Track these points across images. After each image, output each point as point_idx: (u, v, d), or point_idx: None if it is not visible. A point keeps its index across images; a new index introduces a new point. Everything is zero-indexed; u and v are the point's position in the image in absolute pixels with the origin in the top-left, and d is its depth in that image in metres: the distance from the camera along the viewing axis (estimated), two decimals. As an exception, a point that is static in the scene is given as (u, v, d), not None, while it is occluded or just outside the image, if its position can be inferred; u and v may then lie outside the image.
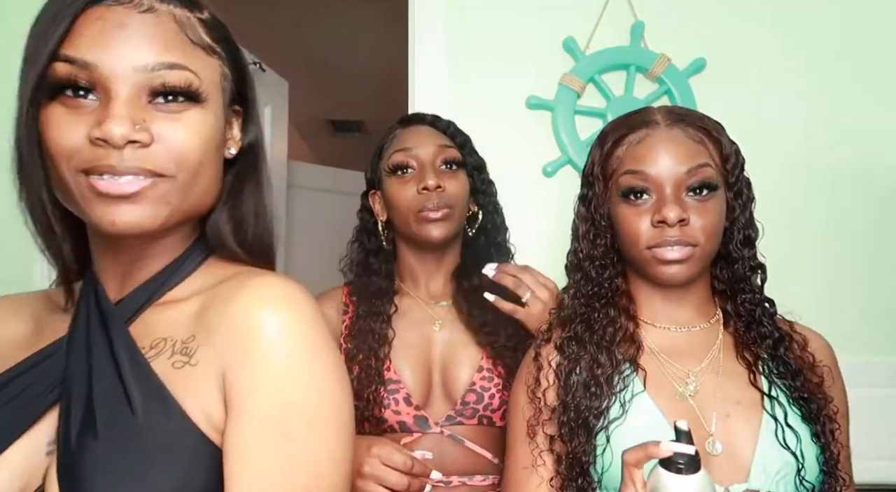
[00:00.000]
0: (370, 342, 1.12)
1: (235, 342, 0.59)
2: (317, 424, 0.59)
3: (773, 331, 0.91)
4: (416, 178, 1.15)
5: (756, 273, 0.93)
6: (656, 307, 0.94)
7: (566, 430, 0.85)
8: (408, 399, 1.10)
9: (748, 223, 0.92)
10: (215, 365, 0.59)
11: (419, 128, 1.21)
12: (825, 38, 1.68)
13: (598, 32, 1.65)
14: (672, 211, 0.83)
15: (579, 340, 0.90)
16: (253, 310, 0.60)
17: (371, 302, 1.16)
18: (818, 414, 0.85)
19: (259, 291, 0.62)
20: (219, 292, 0.64)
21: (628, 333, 0.91)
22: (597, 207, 0.93)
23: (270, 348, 0.59)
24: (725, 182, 0.89)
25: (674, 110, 0.92)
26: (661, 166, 0.86)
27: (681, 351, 0.91)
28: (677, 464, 0.67)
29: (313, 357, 0.61)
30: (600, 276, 0.93)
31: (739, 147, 0.92)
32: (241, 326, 0.60)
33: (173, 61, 0.61)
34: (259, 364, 0.58)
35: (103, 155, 0.58)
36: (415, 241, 1.18)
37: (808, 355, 0.90)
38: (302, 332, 0.61)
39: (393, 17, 2.62)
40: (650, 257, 0.87)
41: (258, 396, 0.58)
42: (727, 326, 0.94)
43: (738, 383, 0.88)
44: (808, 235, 1.63)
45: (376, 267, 1.21)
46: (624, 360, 0.89)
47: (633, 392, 0.86)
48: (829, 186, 1.66)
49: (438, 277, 1.22)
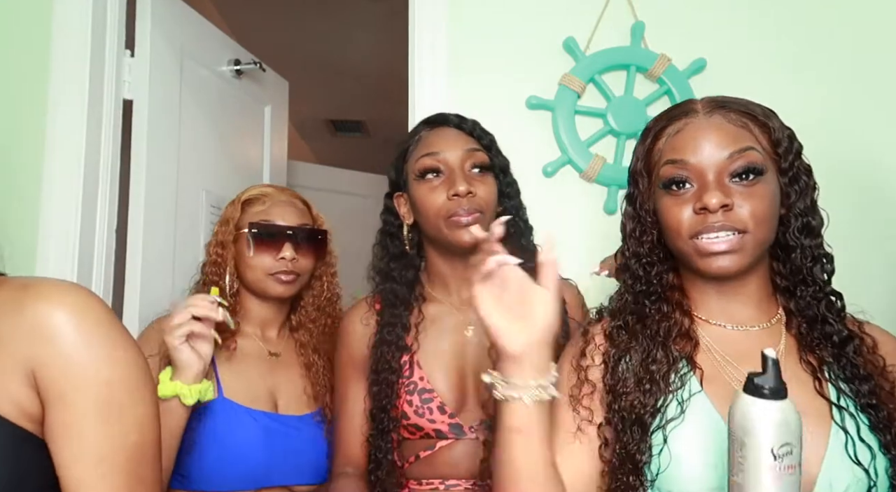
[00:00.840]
0: (393, 351, 1.11)
1: (38, 340, 0.66)
2: (134, 392, 0.69)
3: (840, 329, 0.84)
4: (445, 183, 1.13)
5: (820, 264, 0.87)
6: (711, 303, 0.89)
7: (617, 419, 0.82)
8: (441, 408, 1.10)
9: (808, 210, 0.87)
10: (20, 365, 0.65)
11: (445, 130, 1.19)
12: (825, 38, 1.68)
13: (599, 33, 1.65)
14: (714, 197, 0.79)
15: (631, 331, 0.87)
16: (44, 309, 0.67)
17: (391, 311, 1.16)
18: (889, 423, 0.78)
19: (46, 292, 0.68)
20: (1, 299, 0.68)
21: (683, 328, 0.86)
22: (642, 204, 0.90)
23: (77, 340, 0.67)
24: (778, 167, 0.85)
25: (716, 98, 0.89)
26: (701, 154, 0.83)
27: (739, 351, 0.85)
28: (762, 389, 0.64)
29: (117, 340, 0.69)
30: (648, 273, 0.89)
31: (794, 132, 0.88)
32: (39, 326, 0.66)
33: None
34: (67, 356, 0.66)
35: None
36: (445, 246, 1.16)
37: (879, 359, 0.84)
38: (98, 320, 0.69)
39: (393, 17, 2.62)
40: (692, 250, 0.82)
41: (77, 380, 0.66)
42: (790, 327, 0.88)
43: (803, 390, 0.81)
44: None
45: (396, 274, 1.19)
46: (680, 356, 0.84)
47: (691, 391, 0.82)
48: (829, 184, 1.66)
49: (469, 281, 1.21)
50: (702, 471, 0.77)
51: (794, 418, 0.65)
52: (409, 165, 1.18)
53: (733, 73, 1.65)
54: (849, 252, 1.65)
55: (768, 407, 0.64)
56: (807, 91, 1.67)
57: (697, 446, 0.78)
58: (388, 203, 1.25)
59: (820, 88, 1.67)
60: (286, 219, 1.31)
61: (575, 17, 1.65)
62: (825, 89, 1.67)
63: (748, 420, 0.64)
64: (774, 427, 0.64)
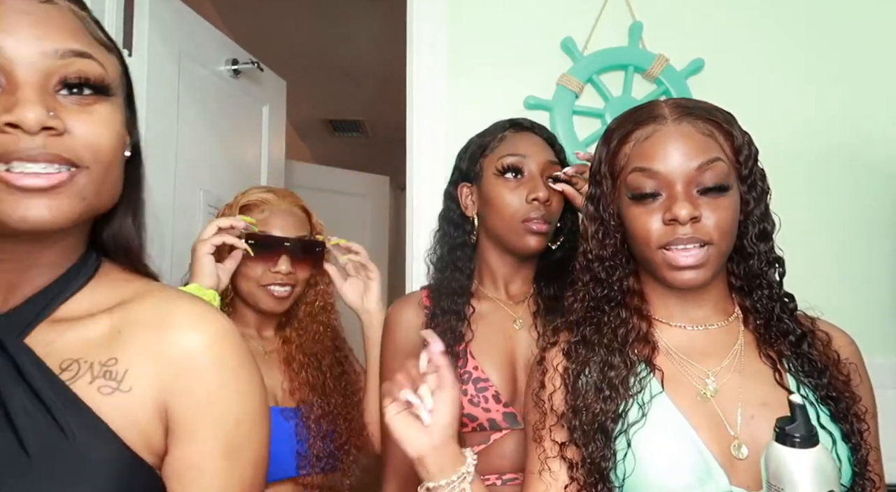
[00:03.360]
0: (447, 340, 1.11)
1: (176, 373, 0.62)
2: (252, 430, 0.67)
3: (794, 327, 0.87)
4: (525, 185, 1.16)
5: (773, 268, 0.89)
6: (671, 306, 0.90)
7: (579, 434, 0.82)
8: (497, 396, 1.11)
9: (763, 216, 0.88)
10: (154, 392, 0.62)
11: (531, 136, 1.22)
12: (822, 38, 1.68)
13: (597, 33, 1.65)
14: (683, 208, 0.80)
15: (588, 342, 0.87)
16: (189, 339, 0.63)
17: (451, 299, 1.17)
18: (847, 413, 0.82)
19: (190, 320, 0.65)
20: (136, 314, 0.64)
21: (641, 332, 0.87)
22: (605, 207, 0.90)
23: (213, 375, 0.64)
24: (738, 175, 0.86)
25: (681, 103, 0.88)
26: (670, 163, 0.82)
27: (699, 350, 0.88)
28: (793, 438, 0.64)
29: (244, 375, 0.66)
30: (610, 277, 0.90)
31: (752, 137, 0.89)
32: (180, 356, 0.63)
33: (83, 50, 0.58)
34: (204, 392, 0.63)
35: (16, 140, 0.54)
36: (506, 245, 1.19)
37: (833, 353, 0.87)
38: (234, 354, 0.66)
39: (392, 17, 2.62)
40: (661, 261, 0.83)
41: (210, 418, 0.63)
42: (747, 323, 0.90)
43: (763, 382, 0.84)
44: (799, 234, 1.63)
45: (461, 264, 1.21)
46: (639, 360, 0.85)
47: (652, 393, 0.83)
48: (824, 185, 1.66)
49: (518, 279, 1.23)
50: (667, 472, 0.78)
51: (829, 463, 0.66)
52: (487, 160, 1.21)
53: (731, 74, 1.66)
54: (849, 250, 1.66)
55: (803, 456, 0.64)
56: (804, 91, 1.67)
57: (661, 448, 0.79)
58: (451, 190, 1.27)
59: (817, 88, 1.67)
60: (285, 229, 1.29)
61: (573, 18, 1.65)
62: (822, 89, 1.67)
63: (785, 471, 0.65)
64: (811, 475, 0.64)
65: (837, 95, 1.67)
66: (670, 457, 0.79)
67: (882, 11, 1.69)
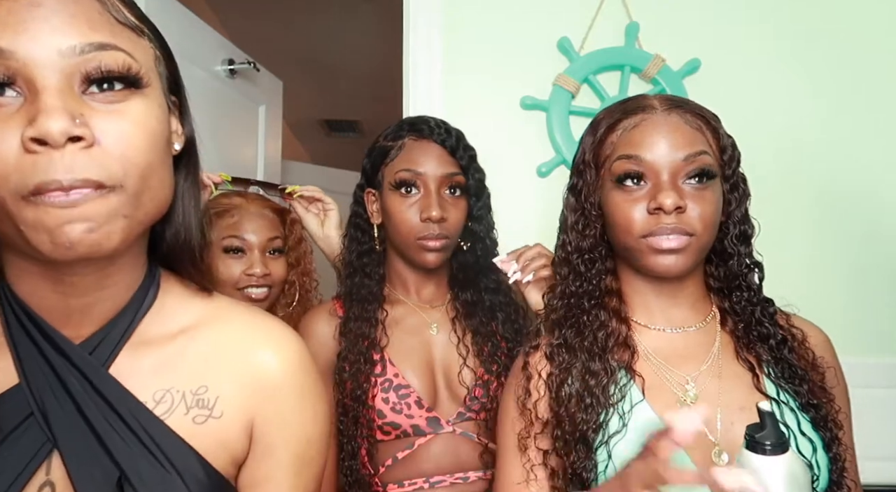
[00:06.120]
0: (360, 347, 1.11)
1: (263, 393, 0.65)
2: (321, 448, 0.70)
3: (775, 331, 0.86)
4: (420, 202, 1.14)
5: (753, 271, 0.89)
6: (649, 304, 0.89)
7: (561, 444, 0.81)
8: (419, 402, 1.10)
9: (744, 219, 0.88)
10: (242, 413, 0.64)
11: (430, 146, 1.17)
12: (819, 39, 1.69)
13: (593, 33, 1.65)
14: (669, 197, 0.78)
15: (569, 346, 0.86)
16: (271, 362, 0.66)
17: (362, 306, 1.16)
18: (826, 421, 0.81)
19: (272, 343, 0.67)
20: (221, 338, 0.65)
21: (621, 337, 0.86)
22: (587, 196, 0.88)
23: (293, 395, 0.67)
24: (722, 174, 0.85)
25: (670, 97, 0.87)
26: (657, 151, 0.81)
27: (678, 354, 0.86)
28: (763, 445, 0.64)
29: (317, 397, 0.70)
30: (589, 270, 0.88)
31: (747, 138, 0.89)
32: (263, 377, 0.65)
33: (104, 41, 0.52)
34: (283, 412, 0.66)
35: (44, 166, 0.48)
36: (407, 258, 1.19)
37: (809, 352, 0.86)
38: (309, 374, 0.69)
39: (387, 17, 2.62)
40: (645, 247, 0.81)
41: (287, 435, 0.66)
42: (724, 325, 0.89)
43: (741, 386, 0.83)
44: (797, 235, 1.64)
45: (369, 270, 1.20)
46: (619, 367, 0.84)
47: (633, 402, 0.81)
48: (821, 186, 1.67)
49: (430, 284, 1.23)
50: None
51: (800, 468, 0.66)
52: (387, 169, 1.18)
53: (727, 74, 1.66)
54: (848, 247, 1.66)
55: (774, 463, 0.64)
56: (801, 92, 1.67)
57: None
58: (358, 195, 1.25)
59: (813, 88, 1.68)
60: (257, 233, 1.30)
61: (569, 18, 1.65)
62: (818, 89, 1.68)
63: (757, 478, 0.64)
64: (783, 482, 0.64)
65: (833, 94, 1.67)
66: None
67: (878, 11, 1.69)
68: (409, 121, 1.22)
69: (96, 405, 0.57)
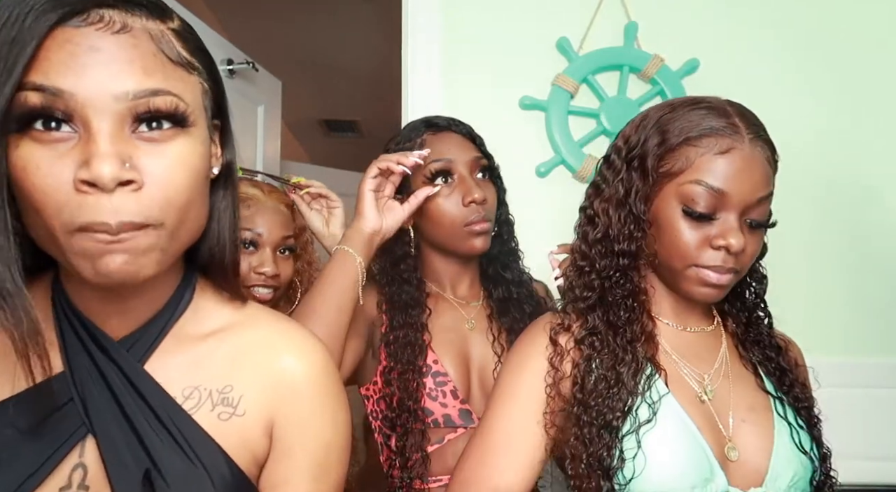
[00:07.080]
0: (408, 355, 1.10)
1: (284, 395, 0.67)
2: (340, 455, 0.71)
3: (772, 341, 0.91)
4: (458, 188, 1.13)
5: (761, 284, 0.92)
6: (666, 304, 0.90)
7: (586, 431, 0.80)
8: (455, 392, 1.11)
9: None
10: (264, 413, 0.66)
11: (451, 136, 1.17)
12: (817, 39, 1.69)
13: (592, 33, 1.65)
14: (739, 241, 0.78)
15: (599, 334, 0.85)
16: (294, 366, 0.68)
17: (406, 312, 1.14)
18: (817, 420, 0.86)
19: (296, 348, 0.69)
20: (248, 340, 0.68)
21: (648, 330, 0.85)
22: (639, 200, 0.84)
23: (314, 400, 0.68)
24: None
25: (750, 120, 0.82)
26: (741, 189, 0.78)
27: (692, 352, 0.88)
28: None
29: (337, 403, 0.71)
30: (627, 269, 0.86)
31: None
32: (286, 381, 0.67)
33: (157, 88, 0.55)
34: (303, 416, 0.68)
35: (93, 206, 0.52)
36: (451, 250, 1.17)
37: (791, 359, 0.92)
38: (331, 382, 0.70)
39: (387, 17, 2.62)
40: (693, 275, 0.81)
41: (305, 439, 0.68)
42: (727, 329, 0.93)
43: (748, 387, 0.87)
44: (797, 235, 1.64)
45: (407, 276, 1.18)
46: (644, 358, 0.83)
47: (660, 393, 0.82)
48: (819, 186, 1.67)
49: (465, 279, 1.23)
50: (678, 473, 0.78)
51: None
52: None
53: (726, 74, 1.66)
54: (848, 247, 1.66)
55: None
56: (799, 92, 1.68)
57: (671, 450, 0.79)
58: None
59: (812, 88, 1.68)
60: (270, 229, 1.26)
61: (568, 18, 1.65)
62: (818, 89, 1.68)
63: None
64: None
65: (832, 95, 1.68)
66: (681, 459, 0.78)
67: (877, 12, 1.69)
68: (420, 120, 1.22)
69: (131, 398, 0.61)
